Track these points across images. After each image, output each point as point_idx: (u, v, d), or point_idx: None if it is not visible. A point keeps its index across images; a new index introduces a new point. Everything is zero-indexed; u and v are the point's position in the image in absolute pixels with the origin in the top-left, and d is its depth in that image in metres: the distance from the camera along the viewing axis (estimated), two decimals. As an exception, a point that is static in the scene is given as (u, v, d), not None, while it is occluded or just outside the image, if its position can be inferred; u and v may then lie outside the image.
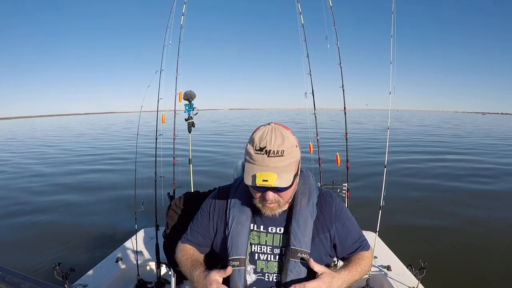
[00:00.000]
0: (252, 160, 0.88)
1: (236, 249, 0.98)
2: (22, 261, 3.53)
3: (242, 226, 1.00)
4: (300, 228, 0.97)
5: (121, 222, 4.50)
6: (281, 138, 0.89)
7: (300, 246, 0.96)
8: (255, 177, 0.86)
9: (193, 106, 2.34)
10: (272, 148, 0.87)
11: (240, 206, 1.03)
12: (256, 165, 0.87)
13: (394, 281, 2.05)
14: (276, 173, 0.86)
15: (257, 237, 1.02)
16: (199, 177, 5.68)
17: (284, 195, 0.94)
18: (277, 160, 0.87)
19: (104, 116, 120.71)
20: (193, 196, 1.30)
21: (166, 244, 1.27)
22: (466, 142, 15.57)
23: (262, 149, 0.87)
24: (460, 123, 36.78)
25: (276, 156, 0.87)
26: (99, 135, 21.32)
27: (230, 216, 1.02)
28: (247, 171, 0.88)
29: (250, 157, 0.89)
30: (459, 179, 7.32)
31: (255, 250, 1.01)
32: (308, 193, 1.03)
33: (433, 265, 2.08)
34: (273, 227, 1.02)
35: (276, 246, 1.00)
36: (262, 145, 0.87)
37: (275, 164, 0.86)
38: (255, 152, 0.88)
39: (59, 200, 5.91)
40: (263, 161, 0.87)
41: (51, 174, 8.37)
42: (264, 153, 0.87)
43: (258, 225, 1.02)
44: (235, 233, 0.99)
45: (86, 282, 2.03)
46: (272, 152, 0.87)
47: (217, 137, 17.14)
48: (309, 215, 1.00)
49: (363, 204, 3.54)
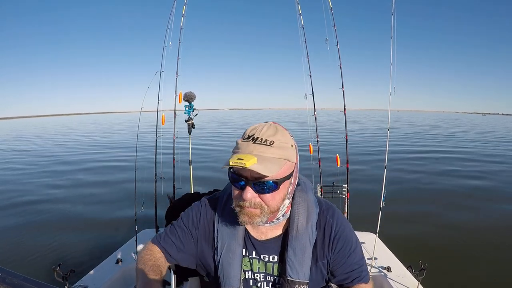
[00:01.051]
0: (237, 149, 0.77)
1: (229, 280, 0.89)
2: (22, 262, 3.53)
3: (234, 254, 0.89)
4: (297, 257, 0.86)
5: (121, 223, 4.50)
6: (274, 130, 0.78)
7: (298, 278, 0.86)
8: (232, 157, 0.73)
9: (193, 107, 2.35)
10: (260, 136, 0.76)
11: (230, 229, 0.89)
12: (241, 151, 0.75)
13: (394, 282, 2.05)
14: (256, 157, 0.72)
15: (249, 264, 0.92)
16: (199, 178, 5.68)
17: (269, 200, 0.78)
18: (263, 148, 0.74)
19: (105, 116, 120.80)
20: (193, 197, 1.30)
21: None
22: (466, 141, 15.56)
23: (249, 137, 0.76)
24: (458, 123, 36.77)
25: (263, 144, 0.75)
26: (105, 134, 21.34)
27: (219, 242, 0.90)
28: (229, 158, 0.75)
29: (236, 145, 0.78)
30: (460, 179, 7.31)
31: (249, 277, 0.92)
32: (307, 213, 0.88)
33: (434, 266, 2.09)
34: (265, 255, 0.90)
35: (269, 274, 0.91)
36: (250, 134, 0.77)
37: (259, 151, 0.74)
38: (241, 141, 0.77)
39: (59, 200, 5.91)
40: (247, 146, 0.75)
41: (51, 174, 8.37)
42: (250, 139, 0.76)
43: (249, 251, 0.91)
44: (226, 262, 0.89)
45: (86, 283, 2.02)
46: (259, 140, 0.75)
47: (218, 136, 17.15)
48: (307, 241, 0.87)
49: (363, 205, 3.53)
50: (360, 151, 11.11)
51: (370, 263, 2.19)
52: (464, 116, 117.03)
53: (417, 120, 43.22)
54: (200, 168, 7.71)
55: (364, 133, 20.05)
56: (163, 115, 2.40)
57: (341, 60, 2.44)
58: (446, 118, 58.60)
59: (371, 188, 5.68)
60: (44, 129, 32.49)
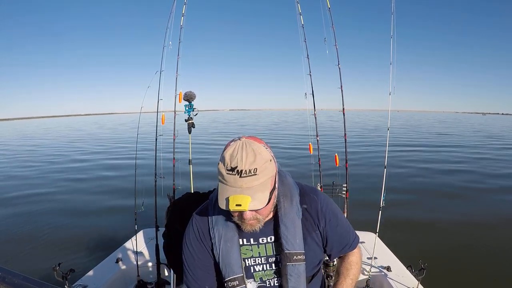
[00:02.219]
0: (224, 181, 0.83)
1: (231, 268, 0.94)
2: (22, 261, 3.53)
3: (232, 242, 0.95)
4: (289, 230, 0.94)
5: (121, 222, 4.51)
6: (252, 155, 0.82)
7: (294, 249, 0.94)
8: (228, 201, 0.81)
9: (193, 107, 2.35)
10: (243, 167, 0.81)
11: (224, 223, 0.96)
12: (228, 185, 0.82)
13: (394, 282, 2.05)
14: (250, 195, 0.81)
15: (249, 251, 0.98)
16: (199, 177, 5.67)
17: (262, 212, 0.89)
18: (250, 180, 0.81)
19: (106, 117, 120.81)
20: (193, 197, 1.30)
21: (166, 244, 1.27)
22: (465, 141, 15.57)
23: (233, 169, 0.81)
24: (457, 124, 36.78)
25: (248, 176, 0.81)
26: (107, 134, 21.34)
27: (216, 236, 0.96)
28: (220, 193, 0.84)
29: (222, 177, 0.83)
30: (460, 180, 7.32)
31: (249, 264, 0.98)
32: (289, 194, 0.99)
33: (433, 266, 2.08)
34: (263, 238, 0.98)
35: (270, 256, 0.98)
36: (233, 165, 0.81)
37: (248, 184, 0.81)
38: (226, 172, 0.82)
39: (59, 200, 5.92)
40: (235, 182, 0.81)
41: (52, 174, 8.37)
42: (235, 173, 0.81)
43: (247, 239, 0.98)
44: (225, 252, 0.94)
45: (86, 283, 2.03)
46: (244, 172, 0.81)
47: (218, 137, 17.15)
48: (295, 215, 0.96)
49: (363, 204, 3.54)
50: (360, 151, 11.12)
51: (370, 262, 2.19)
52: (464, 116, 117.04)
53: (414, 121, 43.24)
54: (200, 168, 7.71)
55: (364, 133, 20.05)
56: (163, 114, 2.40)
57: (339, 60, 2.45)
58: (445, 118, 58.61)
59: (371, 188, 5.68)
60: (47, 130, 32.47)
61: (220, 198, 0.83)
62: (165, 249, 1.28)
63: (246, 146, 0.83)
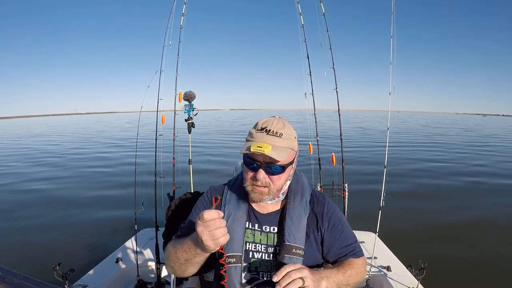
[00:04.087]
0: (251, 138, 0.94)
1: (232, 245, 0.97)
2: (22, 261, 3.53)
3: (238, 222, 1.00)
4: (294, 224, 0.98)
5: (121, 222, 4.51)
6: (282, 124, 0.96)
7: (294, 242, 0.96)
8: (251, 145, 0.90)
9: (193, 107, 2.34)
10: (272, 128, 0.93)
11: (236, 203, 1.03)
12: (256, 141, 0.92)
13: (394, 282, 2.05)
14: (271, 145, 0.90)
15: (252, 235, 1.02)
16: (199, 177, 5.68)
17: (276, 180, 0.95)
18: (275, 138, 0.92)
19: (106, 116, 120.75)
20: (193, 197, 1.30)
21: (166, 244, 1.27)
22: (464, 141, 15.58)
23: (262, 128, 0.94)
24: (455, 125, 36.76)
25: (274, 136, 0.93)
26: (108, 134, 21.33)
27: (226, 212, 1.01)
28: (244, 146, 0.93)
29: (251, 135, 0.95)
30: (460, 179, 7.32)
31: (249, 248, 1.01)
32: (301, 191, 1.05)
33: (433, 266, 2.09)
34: (267, 226, 1.02)
35: (270, 245, 1.01)
36: (263, 126, 0.94)
37: (272, 141, 0.92)
38: (255, 132, 0.95)
39: (59, 200, 5.91)
40: (261, 137, 0.92)
41: (51, 174, 8.37)
42: (264, 131, 0.93)
43: (253, 223, 1.03)
44: (231, 229, 0.96)
45: (86, 283, 2.03)
46: (271, 132, 0.93)
47: (218, 137, 17.15)
48: (302, 211, 1.01)
49: (363, 204, 3.54)
50: (361, 152, 11.12)
51: (370, 262, 2.19)
52: (464, 117, 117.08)
53: (412, 121, 43.20)
54: (200, 168, 7.72)
55: (364, 133, 20.05)
56: (163, 114, 2.39)
57: (334, 62, 2.50)
58: (444, 119, 58.60)
59: (371, 187, 5.68)
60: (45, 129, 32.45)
61: (243, 148, 0.93)
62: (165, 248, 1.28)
63: (279, 118, 0.99)
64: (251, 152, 0.89)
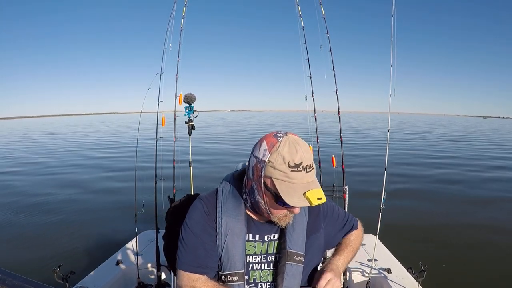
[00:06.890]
0: (289, 179, 0.81)
1: (234, 263, 0.91)
2: (22, 263, 3.53)
3: (238, 237, 0.92)
4: (295, 230, 0.96)
5: (121, 224, 4.50)
6: (308, 150, 0.84)
7: (296, 249, 0.94)
8: (307, 197, 0.80)
9: (193, 109, 2.35)
10: (306, 162, 0.82)
11: (233, 214, 0.94)
12: (297, 183, 0.81)
13: (394, 284, 2.05)
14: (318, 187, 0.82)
15: (253, 247, 0.97)
16: (199, 179, 5.69)
17: None
18: (313, 174, 0.84)
19: (107, 116, 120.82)
20: (193, 199, 1.30)
21: (166, 246, 1.27)
22: (463, 144, 15.55)
23: (298, 165, 0.81)
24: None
25: (311, 170, 0.83)
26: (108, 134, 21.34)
27: (223, 226, 0.93)
28: (288, 193, 0.80)
29: (286, 176, 0.81)
30: (460, 182, 7.31)
31: (249, 261, 0.97)
32: None
33: (434, 268, 2.08)
34: (268, 235, 0.97)
35: (270, 254, 0.97)
36: (297, 161, 0.81)
37: (312, 178, 0.83)
38: (291, 170, 0.80)
39: (59, 201, 5.91)
40: (302, 178, 0.81)
41: (51, 175, 8.38)
42: (301, 169, 0.81)
43: (253, 235, 0.96)
44: (231, 245, 0.91)
45: (86, 285, 2.03)
46: (308, 166, 0.82)
47: (218, 137, 17.15)
48: (303, 216, 0.99)
49: (364, 206, 3.53)
50: (361, 153, 11.11)
51: (371, 264, 2.19)
52: (464, 119, 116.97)
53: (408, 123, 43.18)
54: (201, 170, 7.72)
55: (365, 135, 20.04)
56: (163, 116, 2.40)
57: (334, 64, 2.50)
58: (439, 121, 58.54)
59: (372, 190, 5.67)
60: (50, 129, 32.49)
61: (290, 196, 0.80)
62: (165, 251, 1.28)
63: (299, 142, 0.84)
64: (313, 205, 0.80)
